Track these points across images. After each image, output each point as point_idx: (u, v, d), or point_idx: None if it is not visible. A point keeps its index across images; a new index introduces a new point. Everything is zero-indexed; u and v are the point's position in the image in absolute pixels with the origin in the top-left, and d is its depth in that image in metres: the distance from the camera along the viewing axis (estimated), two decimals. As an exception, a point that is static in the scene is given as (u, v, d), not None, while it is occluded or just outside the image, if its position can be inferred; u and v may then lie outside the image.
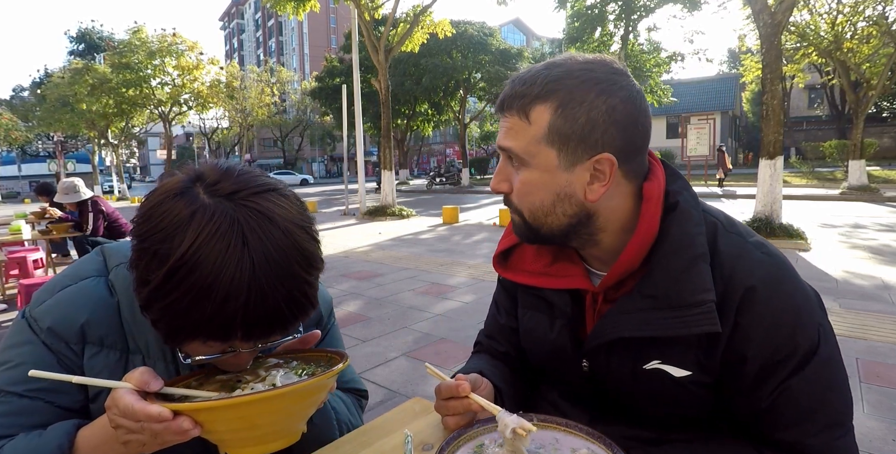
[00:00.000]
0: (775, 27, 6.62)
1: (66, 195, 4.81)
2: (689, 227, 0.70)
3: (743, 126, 34.35)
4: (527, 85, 0.70)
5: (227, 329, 0.56)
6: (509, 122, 0.72)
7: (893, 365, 2.73)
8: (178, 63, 21.64)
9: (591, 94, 0.67)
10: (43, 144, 36.00)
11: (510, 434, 0.63)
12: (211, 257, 0.53)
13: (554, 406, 0.88)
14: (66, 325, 0.68)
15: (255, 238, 0.55)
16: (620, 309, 0.73)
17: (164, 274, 0.54)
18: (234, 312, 0.55)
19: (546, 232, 0.75)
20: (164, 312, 0.57)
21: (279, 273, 0.56)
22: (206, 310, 0.54)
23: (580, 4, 14.33)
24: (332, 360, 0.69)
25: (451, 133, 36.96)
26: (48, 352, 0.68)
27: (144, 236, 0.57)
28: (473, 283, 4.97)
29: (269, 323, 0.58)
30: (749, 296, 0.67)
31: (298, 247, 0.59)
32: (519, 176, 0.73)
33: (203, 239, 0.54)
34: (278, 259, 0.57)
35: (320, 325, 0.91)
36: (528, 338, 0.89)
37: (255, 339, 0.60)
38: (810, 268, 5.09)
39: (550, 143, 0.70)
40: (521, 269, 0.86)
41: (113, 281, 0.73)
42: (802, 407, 0.67)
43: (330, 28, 65.47)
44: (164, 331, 0.59)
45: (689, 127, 18.03)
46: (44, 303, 0.70)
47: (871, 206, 10.80)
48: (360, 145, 12.08)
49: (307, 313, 0.62)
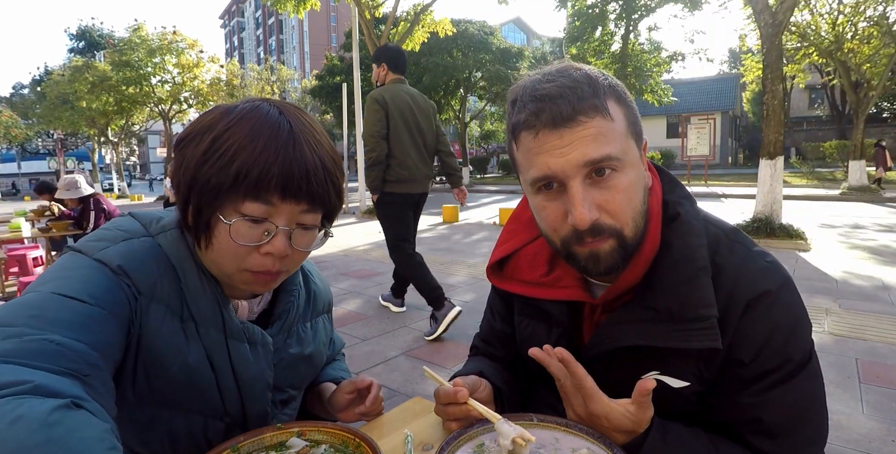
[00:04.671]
0: (776, 27, 6.62)
1: (67, 191, 4.85)
2: (690, 239, 0.69)
3: (743, 126, 34.32)
4: (578, 88, 0.63)
5: (264, 180, 0.62)
6: (594, 126, 0.63)
7: (893, 365, 2.73)
8: (179, 61, 21.61)
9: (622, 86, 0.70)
10: (43, 142, 35.97)
11: (510, 444, 0.63)
12: (255, 117, 0.65)
13: (552, 409, 0.88)
14: (142, 275, 0.66)
15: (294, 116, 0.68)
16: (619, 319, 0.72)
17: (221, 126, 0.64)
18: (272, 160, 0.63)
19: (635, 240, 0.68)
20: (213, 166, 0.63)
21: (313, 138, 0.67)
22: (249, 159, 0.62)
23: (581, 4, 14.32)
24: (361, 447, 0.67)
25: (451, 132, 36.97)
26: (116, 284, 0.63)
27: (193, 127, 0.67)
28: (473, 283, 4.96)
29: (302, 178, 0.64)
30: (752, 305, 0.67)
31: (327, 133, 0.71)
32: (617, 183, 0.64)
33: (248, 109, 0.66)
34: (312, 128, 0.69)
35: (330, 312, 0.97)
36: (525, 346, 0.88)
37: (291, 196, 0.65)
38: (810, 269, 5.09)
39: (632, 134, 0.68)
40: (517, 279, 0.84)
41: (167, 251, 0.70)
42: (784, 417, 0.67)
43: (330, 26, 65.42)
44: (209, 193, 0.64)
45: (690, 127, 18.01)
46: (109, 249, 0.66)
47: (871, 206, 10.79)
48: (360, 144, 12.08)
49: (336, 187, 0.69)
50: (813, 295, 4.12)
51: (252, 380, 0.75)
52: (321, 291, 0.92)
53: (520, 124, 0.66)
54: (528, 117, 0.64)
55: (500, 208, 10.01)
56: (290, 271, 0.73)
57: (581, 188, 0.63)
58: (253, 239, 0.65)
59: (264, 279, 0.70)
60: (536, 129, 0.64)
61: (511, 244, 0.85)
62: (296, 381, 0.86)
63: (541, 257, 0.82)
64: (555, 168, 0.63)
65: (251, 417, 0.78)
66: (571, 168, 0.63)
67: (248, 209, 0.64)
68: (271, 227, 0.65)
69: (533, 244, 0.84)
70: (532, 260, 0.83)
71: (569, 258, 0.70)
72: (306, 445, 0.69)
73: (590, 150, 0.62)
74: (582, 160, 0.62)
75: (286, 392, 0.84)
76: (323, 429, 0.71)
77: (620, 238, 0.66)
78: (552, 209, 0.67)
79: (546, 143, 0.64)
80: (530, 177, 0.67)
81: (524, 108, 0.65)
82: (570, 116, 0.62)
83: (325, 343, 0.94)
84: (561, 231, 0.67)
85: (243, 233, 0.65)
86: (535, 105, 0.64)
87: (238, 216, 0.64)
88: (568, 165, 0.63)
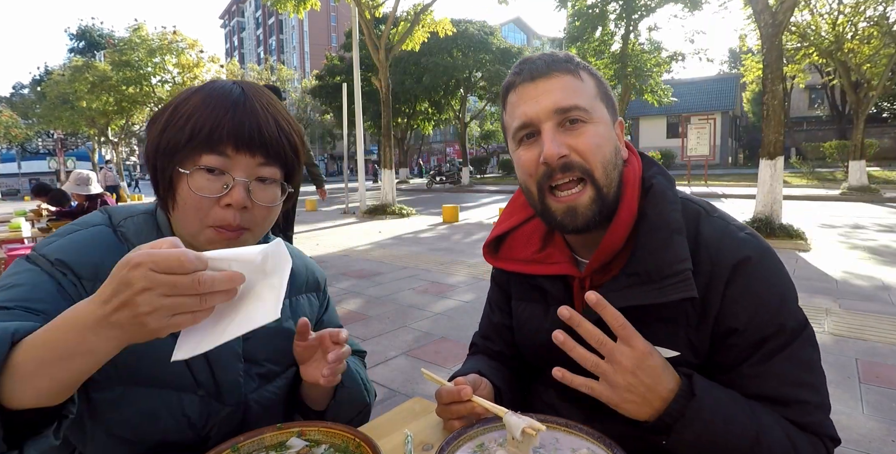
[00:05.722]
0: (776, 27, 6.62)
1: (77, 186, 4.63)
2: (663, 205, 0.73)
3: (743, 126, 34.32)
4: (555, 56, 0.76)
5: (216, 132, 0.68)
6: (562, 81, 0.72)
7: (893, 365, 2.73)
8: (179, 61, 21.59)
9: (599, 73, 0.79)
10: (43, 142, 35.94)
11: (520, 435, 0.63)
12: (210, 87, 0.73)
13: (550, 406, 0.88)
14: (82, 262, 0.70)
15: (248, 85, 0.75)
16: (606, 290, 0.73)
17: (179, 100, 0.71)
18: (223, 115, 0.68)
19: (611, 196, 0.74)
20: (173, 126, 0.69)
21: (266, 101, 0.73)
22: (202, 118, 0.68)
23: (581, 4, 14.30)
24: (361, 447, 0.67)
25: (451, 132, 36.93)
26: (48, 277, 0.68)
27: (159, 110, 0.74)
28: (473, 282, 4.97)
29: (254, 129, 0.69)
30: (737, 270, 0.70)
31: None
32: (585, 131, 0.72)
33: (205, 83, 0.74)
34: (267, 96, 0.74)
35: (319, 293, 0.96)
36: (523, 330, 0.89)
37: (244, 147, 0.69)
38: (810, 269, 5.09)
39: (602, 100, 0.76)
40: (512, 258, 0.87)
41: (124, 231, 0.76)
42: (790, 385, 0.68)
43: (330, 26, 65.42)
44: (169, 152, 0.69)
45: (690, 127, 18.00)
46: (53, 243, 0.72)
47: (871, 206, 10.79)
48: (360, 144, 12.07)
49: (291, 144, 0.74)
50: (813, 295, 4.12)
51: (219, 350, 0.75)
52: (300, 269, 0.93)
53: (506, 86, 0.78)
54: (512, 77, 0.76)
55: (500, 208, 10.01)
56: (256, 231, 0.74)
57: (552, 130, 0.72)
58: (212, 191, 0.69)
59: (227, 236, 0.71)
60: (517, 85, 0.75)
61: (507, 223, 0.89)
62: (273, 356, 0.84)
63: (535, 235, 0.86)
64: (530, 113, 0.72)
65: (223, 387, 0.77)
66: (544, 113, 0.72)
67: (205, 161, 0.69)
68: (229, 179, 0.69)
69: (528, 224, 0.88)
70: (527, 238, 0.87)
71: (545, 214, 0.76)
72: (306, 445, 0.69)
73: (559, 98, 0.71)
74: (552, 107, 0.71)
75: (264, 365, 0.83)
76: (323, 429, 0.71)
77: (594, 182, 0.72)
78: (528, 156, 0.74)
79: (524, 94, 0.74)
80: (512, 129, 0.76)
81: (511, 73, 0.77)
82: (544, 71, 0.73)
83: (312, 322, 0.91)
84: (535, 174, 0.74)
85: (202, 186, 0.69)
86: (518, 67, 0.76)
87: (196, 167, 0.69)
88: (541, 111, 0.72)
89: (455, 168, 24.05)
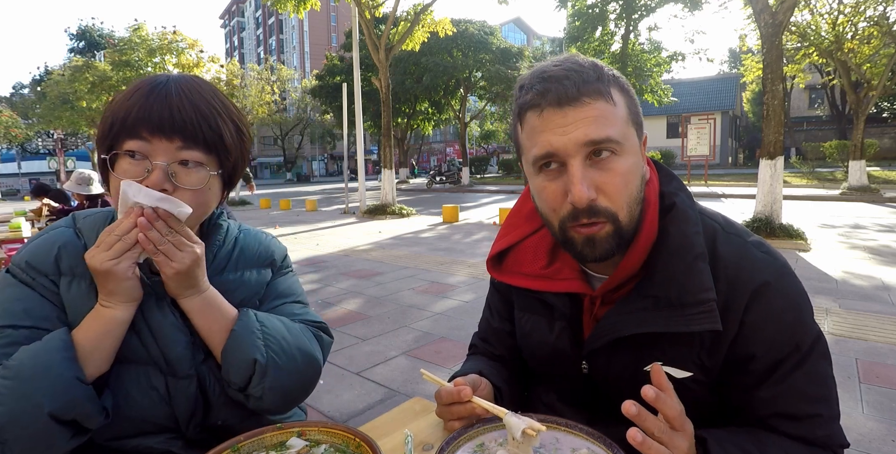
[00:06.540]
0: (776, 27, 6.61)
1: (78, 185, 4.53)
2: (686, 227, 0.70)
3: (743, 126, 34.32)
4: (584, 72, 0.66)
5: (130, 118, 0.72)
6: (594, 110, 0.64)
7: (893, 365, 2.73)
8: (179, 61, 21.54)
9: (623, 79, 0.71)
10: (43, 142, 35.94)
11: (520, 436, 0.63)
12: (142, 81, 0.76)
13: (550, 408, 0.87)
14: (41, 259, 0.78)
15: (179, 76, 0.79)
16: (620, 310, 0.72)
17: (116, 96, 0.76)
18: (140, 102, 0.72)
19: (631, 227, 0.69)
20: (105, 118, 0.75)
21: (189, 87, 0.76)
22: (122, 107, 0.73)
23: (581, 4, 14.31)
24: (361, 447, 0.67)
25: (451, 132, 36.91)
26: (25, 287, 0.77)
27: None
28: (473, 282, 4.97)
29: (165, 112, 0.72)
30: (756, 297, 0.68)
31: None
32: (615, 167, 0.66)
33: (143, 78, 0.78)
34: (196, 85, 0.77)
35: (274, 267, 0.95)
36: (527, 341, 0.87)
37: (158, 131, 0.72)
38: (810, 269, 5.08)
39: (632, 122, 0.70)
40: (517, 272, 0.84)
41: (80, 228, 0.83)
42: (805, 400, 0.68)
43: (330, 26, 65.39)
44: (101, 140, 0.75)
45: (690, 127, 17.99)
46: (23, 250, 0.81)
47: (871, 206, 10.79)
48: (360, 144, 12.07)
49: (213, 128, 0.75)
50: (813, 295, 4.12)
51: (159, 323, 0.80)
52: (251, 245, 0.93)
53: (526, 104, 0.68)
54: (535, 97, 0.66)
55: (500, 208, 10.02)
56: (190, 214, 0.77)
57: (580, 167, 0.65)
58: (135, 175, 0.73)
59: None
60: (541, 108, 0.66)
61: (511, 237, 0.86)
62: None
63: (541, 249, 0.83)
64: (557, 145, 0.65)
65: (171, 358, 0.80)
66: (573, 146, 0.64)
67: (127, 145, 0.73)
68: (149, 164, 0.73)
69: (533, 236, 0.84)
70: (533, 252, 0.83)
71: (566, 243, 0.71)
72: (306, 445, 0.69)
73: (591, 131, 0.64)
74: (583, 139, 0.64)
75: None
76: (323, 428, 0.71)
77: (616, 222, 0.67)
78: (552, 189, 0.68)
79: (550, 122, 0.65)
80: (532, 155, 0.68)
81: (531, 88, 0.67)
82: (574, 97, 0.64)
83: (259, 293, 0.91)
84: (560, 211, 0.68)
85: (126, 170, 0.73)
86: (541, 85, 0.66)
87: (118, 152, 0.74)
88: (570, 143, 0.64)
89: (455, 168, 24.04)
